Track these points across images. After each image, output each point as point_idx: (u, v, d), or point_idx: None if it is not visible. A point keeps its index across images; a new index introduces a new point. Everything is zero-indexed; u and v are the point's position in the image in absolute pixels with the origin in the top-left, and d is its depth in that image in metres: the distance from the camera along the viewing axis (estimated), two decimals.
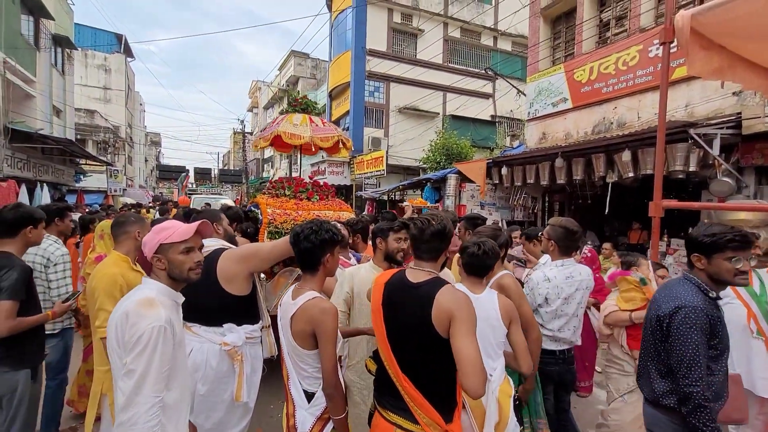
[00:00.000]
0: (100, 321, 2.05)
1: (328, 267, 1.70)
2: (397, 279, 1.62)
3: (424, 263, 1.59)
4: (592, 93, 7.36)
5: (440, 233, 1.56)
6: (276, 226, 3.96)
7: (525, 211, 8.67)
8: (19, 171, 10.79)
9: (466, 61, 17.28)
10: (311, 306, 1.59)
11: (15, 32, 10.84)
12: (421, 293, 1.49)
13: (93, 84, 25.22)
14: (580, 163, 6.37)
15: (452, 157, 12.96)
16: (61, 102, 14.69)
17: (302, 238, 1.65)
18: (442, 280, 1.53)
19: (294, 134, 4.54)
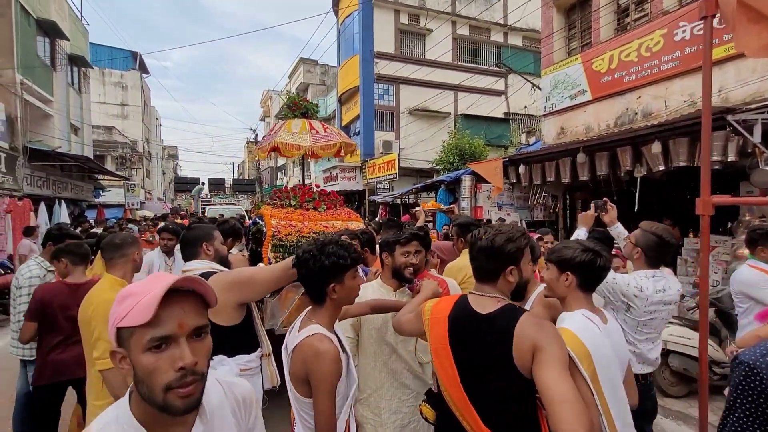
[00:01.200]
0: (99, 352, 1.89)
1: (338, 298, 1.40)
2: (461, 310, 1.35)
3: (483, 285, 1.34)
4: (613, 83, 6.95)
5: (488, 250, 1.29)
6: (280, 239, 3.74)
7: (545, 210, 8.27)
8: (38, 189, 11.00)
9: (476, 58, 16.91)
10: (307, 346, 1.34)
11: (31, 53, 11.09)
12: (497, 327, 1.24)
13: (111, 101, 25.91)
14: (604, 157, 5.97)
15: (466, 157, 12.61)
16: (79, 120, 15.01)
17: (301, 263, 1.39)
18: (516, 308, 1.29)
19: (292, 144, 4.32)
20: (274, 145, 4.33)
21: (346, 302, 1.46)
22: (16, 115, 10.13)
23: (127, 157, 21.33)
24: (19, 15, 10.34)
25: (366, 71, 14.99)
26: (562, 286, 1.46)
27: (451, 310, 1.37)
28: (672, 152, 5.04)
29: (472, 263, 1.36)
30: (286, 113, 4.76)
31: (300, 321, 1.47)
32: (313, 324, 1.39)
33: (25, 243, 6.53)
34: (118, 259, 2.12)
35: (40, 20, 11.47)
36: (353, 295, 1.46)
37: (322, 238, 1.46)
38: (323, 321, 1.41)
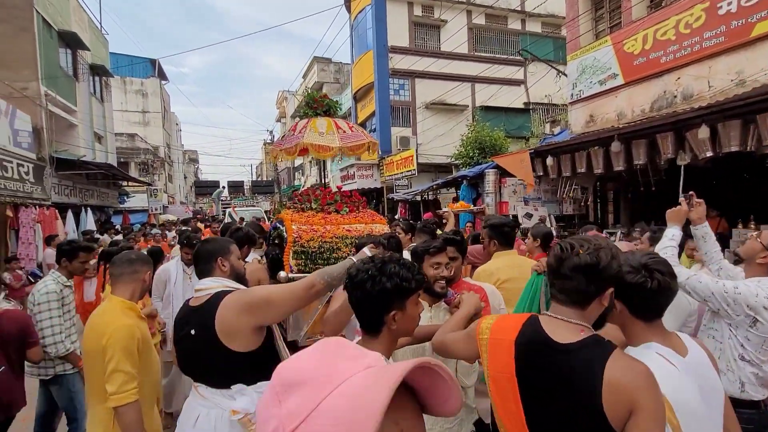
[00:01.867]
0: (115, 386, 1.67)
1: (397, 328, 1.14)
2: (533, 335, 1.11)
3: (567, 310, 1.09)
4: (648, 64, 6.47)
5: (590, 269, 1.03)
6: (302, 245, 3.56)
7: (575, 203, 7.84)
8: (66, 197, 11.27)
9: (493, 48, 16.38)
10: None
11: (54, 65, 11.33)
12: (580, 364, 1.01)
13: (132, 109, 26.59)
14: (641, 145, 5.55)
15: (486, 150, 12.21)
16: (102, 128, 15.35)
17: (356, 284, 1.13)
18: (604, 342, 1.05)
19: (322, 146, 4.13)
20: (302, 146, 4.15)
21: (405, 334, 1.20)
22: (42, 126, 10.36)
23: (149, 162, 21.80)
24: (41, 28, 10.55)
25: (380, 66, 14.72)
26: (617, 314, 1.19)
27: (518, 334, 1.13)
28: (721, 136, 4.60)
29: (560, 283, 1.09)
30: (305, 111, 4.56)
31: None
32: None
33: (48, 252, 6.61)
34: (128, 276, 1.93)
35: (61, 32, 11.70)
36: (414, 325, 1.22)
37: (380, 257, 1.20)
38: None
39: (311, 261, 3.52)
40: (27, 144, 9.37)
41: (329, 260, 3.57)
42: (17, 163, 8.56)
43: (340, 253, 3.65)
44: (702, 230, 1.98)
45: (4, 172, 8.07)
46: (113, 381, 1.68)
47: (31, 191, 8.98)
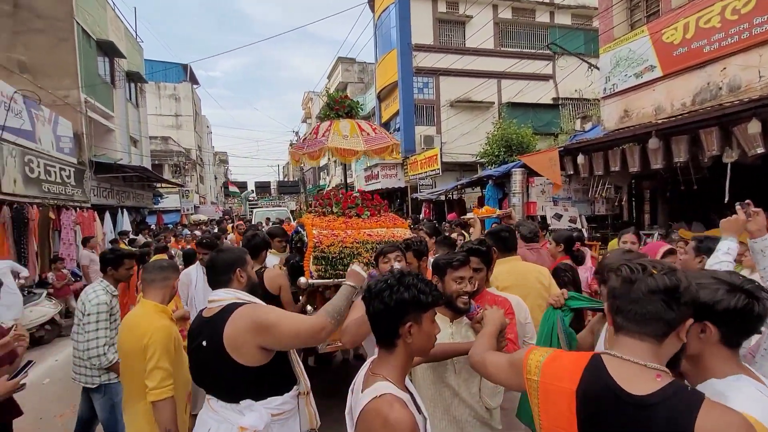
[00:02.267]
0: (155, 382, 1.82)
1: (412, 343, 1.13)
2: (597, 383, 0.93)
3: (639, 345, 0.91)
4: (690, 55, 6.04)
5: (669, 292, 0.88)
6: (322, 250, 3.53)
7: (608, 203, 7.46)
8: (104, 199, 11.85)
9: (520, 43, 15.91)
10: (373, 413, 1.04)
11: (93, 73, 11.92)
12: (660, 420, 0.83)
13: (166, 113, 27.69)
14: (682, 141, 5.18)
15: (513, 148, 11.85)
16: (137, 132, 16.04)
17: (374, 294, 1.14)
18: (688, 390, 0.88)
19: (347, 149, 4.10)
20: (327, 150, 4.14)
21: (420, 352, 1.18)
22: (82, 132, 10.94)
23: (182, 164, 22.62)
24: (81, 38, 11.12)
25: (404, 65, 14.60)
26: (695, 341, 1.00)
27: (580, 382, 0.95)
28: None
29: (631, 309, 0.92)
30: (327, 113, 4.54)
31: (362, 374, 1.19)
32: (380, 381, 1.10)
33: (84, 253, 6.93)
34: (159, 282, 2.09)
35: (99, 41, 12.30)
36: (430, 344, 1.19)
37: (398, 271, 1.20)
38: (392, 375, 1.12)
39: (331, 266, 3.48)
40: (68, 149, 9.90)
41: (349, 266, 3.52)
42: (60, 167, 9.05)
43: (360, 259, 3.60)
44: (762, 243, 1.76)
45: (48, 176, 8.55)
46: (153, 377, 1.82)
47: (72, 194, 9.48)
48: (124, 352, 1.99)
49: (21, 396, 4.02)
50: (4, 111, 7.30)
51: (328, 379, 4.32)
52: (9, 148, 7.23)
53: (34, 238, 7.44)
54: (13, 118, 7.64)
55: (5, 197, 7.00)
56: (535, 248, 3.33)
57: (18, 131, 7.75)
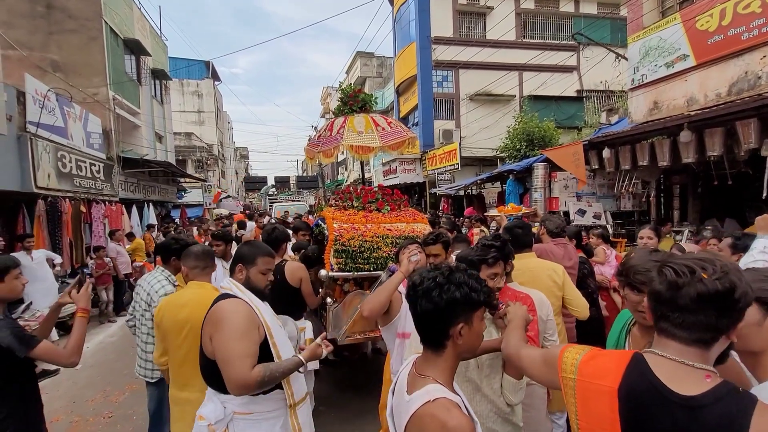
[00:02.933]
0: None
1: (462, 344, 1.06)
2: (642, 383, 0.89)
3: (685, 349, 0.87)
4: (726, 43, 5.73)
5: (722, 299, 0.82)
6: (343, 244, 3.55)
7: (635, 199, 7.21)
8: (131, 193, 12.26)
9: (543, 33, 15.48)
10: (429, 418, 0.97)
11: (120, 71, 12.30)
12: (712, 422, 0.80)
13: (189, 109, 28.36)
14: (717, 134, 4.94)
15: (535, 142, 11.59)
16: (162, 129, 16.49)
17: (420, 294, 1.05)
18: (740, 391, 0.83)
19: (362, 146, 4.09)
20: (342, 148, 4.14)
21: (469, 352, 1.12)
22: (110, 128, 11.32)
23: (204, 160, 23.14)
24: (109, 37, 11.48)
25: (423, 58, 14.44)
26: (757, 336, 0.93)
27: (622, 380, 0.90)
28: None
29: (677, 317, 0.86)
30: (340, 108, 4.53)
31: (405, 374, 1.12)
32: (431, 383, 1.02)
33: (111, 246, 7.17)
34: (208, 269, 2.20)
35: (126, 40, 12.66)
36: (478, 343, 1.11)
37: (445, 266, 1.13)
38: (442, 376, 1.05)
39: (351, 260, 3.50)
40: (98, 145, 10.27)
41: (369, 260, 3.53)
42: (90, 163, 9.40)
43: (380, 253, 3.60)
44: None
45: (79, 171, 8.90)
46: None
47: (102, 188, 9.84)
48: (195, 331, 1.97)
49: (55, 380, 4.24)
50: (38, 108, 7.63)
51: (346, 372, 4.36)
52: (43, 144, 7.55)
53: (67, 230, 7.78)
54: (47, 115, 7.96)
55: (40, 191, 7.33)
56: (561, 243, 3.25)
57: (51, 128, 8.08)
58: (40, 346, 1.72)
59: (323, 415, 3.39)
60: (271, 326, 1.71)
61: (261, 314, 1.69)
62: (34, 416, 1.88)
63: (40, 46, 10.50)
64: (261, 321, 1.67)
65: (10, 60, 8.81)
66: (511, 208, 4.91)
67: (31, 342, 1.71)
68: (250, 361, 1.52)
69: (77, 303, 1.92)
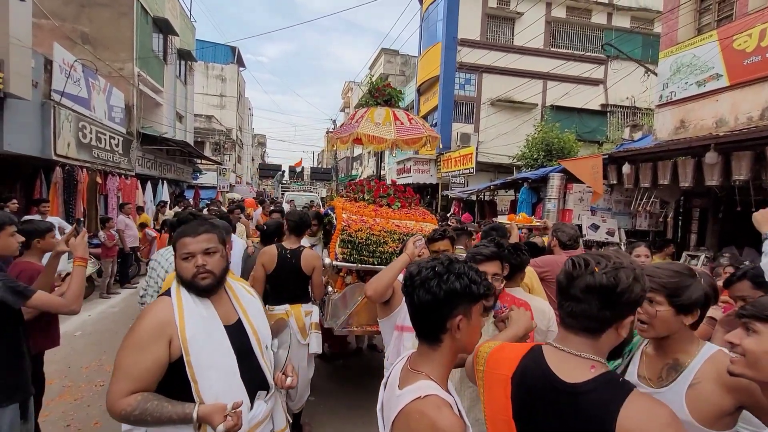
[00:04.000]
0: None
1: (460, 338, 1.01)
2: (534, 371, 0.96)
3: (576, 339, 0.93)
4: (763, 64, 5.51)
5: (606, 291, 0.87)
6: (350, 234, 3.51)
7: (651, 218, 7.01)
8: (147, 170, 12.44)
9: (571, 43, 15.20)
10: (417, 415, 0.92)
11: (147, 49, 12.47)
12: (587, 408, 0.86)
13: (212, 92, 28.66)
14: (745, 158, 4.75)
15: (553, 153, 11.38)
16: (183, 109, 16.69)
17: (418, 284, 1.00)
18: (619, 381, 0.89)
19: (375, 137, 4.04)
20: (356, 135, 4.11)
21: (467, 348, 1.06)
22: (132, 104, 11.50)
23: (221, 143, 23.38)
24: (139, 14, 11.64)
25: (448, 59, 14.31)
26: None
27: (517, 368, 0.98)
28: None
29: (569, 305, 0.93)
30: (367, 100, 4.51)
31: (399, 369, 1.07)
32: (423, 379, 0.98)
33: (120, 219, 7.26)
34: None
35: (156, 18, 12.84)
36: (477, 338, 1.07)
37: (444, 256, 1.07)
38: (436, 373, 1.00)
39: (357, 251, 3.46)
40: (119, 119, 10.44)
41: (374, 253, 3.49)
42: (110, 135, 9.56)
43: (386, 248, 3.55)
44: None
45: (98, 143, 9.05)
46: None
47: (119, 162, 10.00)
48: None
49: None
50: (64, 78, 7.77)
51: (342, 367, 4.33)
52: (66, 113, 7.69)
53: (82, 200, 7.92)
54: (72, 85, 8.11)
55: (59, 159, 7.47)
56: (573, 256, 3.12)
57: (75, 98, 8.23)
58: (36, 296, 1.73)
59: (313, 406, 3.36)
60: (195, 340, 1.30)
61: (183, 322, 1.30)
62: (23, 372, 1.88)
63: (72, 17, 10.70)
64: (176, 332, 1.29)
65: (41, 29, 8.99)
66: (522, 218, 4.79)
67: (25, 292, 1.71)
68: (125, 385, 1.22)
69: (74, 251, 1.91)
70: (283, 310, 2.96)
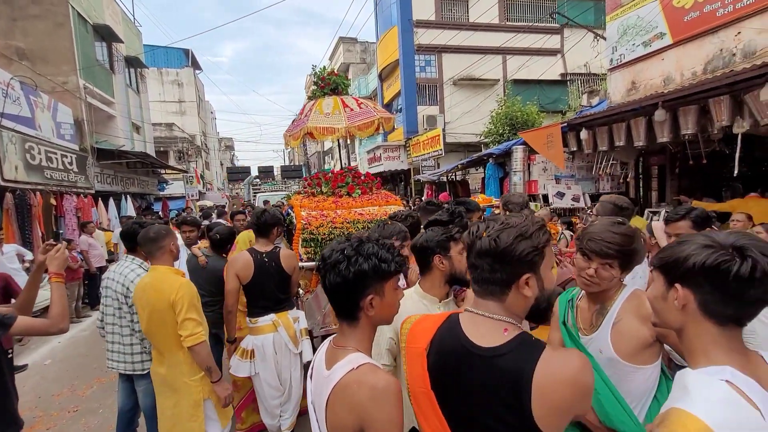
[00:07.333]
0: (189, 330, 2.06)
1: (375, 315, 1.03)
2: (449, 339, 0.96)
3: (486, 302, 0.94)
4: (702, 19, 5.70)
5: (493, 254, 0.89)
6: (311, 232, 3.46)
7: (613, 180, 7.23)
8: (108, 185, 11.92)
9: (526, 15, 15.32)
10: (356, 384, 0.93)
11: (91, 58, 11.82)
12: (505, 372, 0.85)
13: (169, 99, 27.55)
14: (690, 112, 4.93)
15: (517, 126, 11.55)
16: (139, 119, 16.00)
17: (328, 268, 1.03)
18: (533, 341, 0.89)
19: (327, 128, 3.98)
20: (307, 130, 4.02)
21: (384, 321, 1.10)
22: (82, 118, 10.93)
23: (184, 151, 22.63)
24: (77, 22, 10.99)
25: (405, 42, 14.20)
26: (673, 312, 0.82)
27: (432, 339, 0.99)
28: None
29: (471, 272, 0.96)
30: (315, 92, 4.43)
31: (323, 353, 1.07)
32: (351, 352, 1.00)
33: (83, 239, 6.97)
34: (155, 252, 2.20)
35: (96, 26, 12.15)
36: (393, 312, 1.10)
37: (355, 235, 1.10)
38: (362, 346, 1.02)
39: (321, 248, 3.42)
40: (69, 135, 9.92)
41: None
42: (61, 154, 9.08)
43: None
44: None
45: (50, 163, 8.59)
46: (186, 327, 2.06)
47: (75, 180, 9.54)
48: (155, 311, 2.11)
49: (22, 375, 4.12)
50: (1, 98, 7.29)
51: None
52: (9, 135, 7.24)
53: (39, 224, 7.53)
54: (11, 104, 7.62)
55: (8, 184, 7.05)
56: None
57: (17, 118, 7.75)
58: (17, 323, 1.64)
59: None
60: None
61: None
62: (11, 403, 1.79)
63: (3, 32, 10.01)
64: None
65: None
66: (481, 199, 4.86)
67: (4, 321, 1.61)
68: None
69: (49, 266, 1.84)
70: (269, 321, 2.67)
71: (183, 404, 2.16)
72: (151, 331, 2.20)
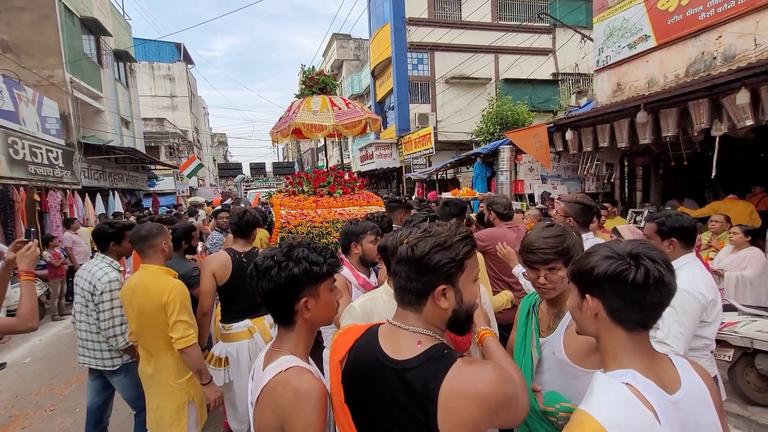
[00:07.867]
0: (180, 333, 2.03)
1: (311, 317, 1.05)
2: (363, 352, 0.95)
3: (404, 312, 0.93)
4: (685, 23, 5.76)
5: (409, 262, 0.89)
6: (290, 231, 3.47)
7: (598, 181, 7.31)
8: (96, 181, 11.78)
9: (519, 15, 15.34)
10: (280, 386, 0.95)
11: (78, 52, 11.64)
12: (414, 386, 0.83)
13: (161, 93, 27.20)
14: (671, 114, 5.00)
15: (507, 126, 11.60)
16: (129, 114, 15.80)
17: (261, 273, 1.04)
18: (445, 353, 0.86)
19: (314, 125, 3.97)
20: (295, 127, 4.02)
21: (322, 322, 1.11)
22: (69, 113, 10.77)
23: (175, 146, 22.41)
24: (63, 15, 10.80)
25: (398, 40, 14.16)
26: (588, 320, 0.86)
27: (349, 351, 0.97)
28: (764, 102, 4.03)
29: (393, 279, 0.96)
30: (303, 90, 4.43)
31: (262, 356, 1.10)
32: (284, 354, 1.02)
33: (67, 235, 6.90)
34: (147, 250, 2.16)
35: (83, 19, 11.95)
36: (330, 313, 1.11)
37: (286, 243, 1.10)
38: (297, 349, 1.04)
39: None
40: (55, 130, 9.77)
41: None
42: (46, 149, 8.95)
43: (330, 238, 3.53)
44: None
45: (34, 158, 8.46)
46: (177, 329, 2.03)
47: (61, 176, 9.41)
48: (145, 312, 2.08)
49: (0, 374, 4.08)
50: None
51: None
52: None
53: (22, 220, 7.44)
54: None
55: None
56: (514, 226, 3.05)
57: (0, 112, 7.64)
58: None
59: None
60: None
61: None
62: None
63: None
64: None
65: None
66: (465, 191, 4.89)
67: None
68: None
69: (19, 264, 1.80)
70: (244, 327, 2.55)
71: (166, 408, 2.14)
72: (140, 332, 2.15)
